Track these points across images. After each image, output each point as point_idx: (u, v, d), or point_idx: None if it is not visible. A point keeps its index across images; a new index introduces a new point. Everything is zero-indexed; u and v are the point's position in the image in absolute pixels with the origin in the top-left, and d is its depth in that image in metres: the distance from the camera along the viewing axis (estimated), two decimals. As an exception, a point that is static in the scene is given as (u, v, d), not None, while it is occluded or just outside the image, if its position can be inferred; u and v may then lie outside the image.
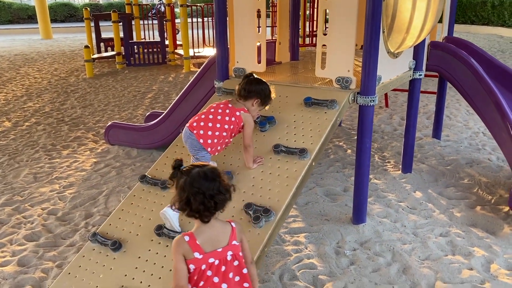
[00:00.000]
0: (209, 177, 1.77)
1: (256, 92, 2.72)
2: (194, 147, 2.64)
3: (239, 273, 1.84)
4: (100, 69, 10.73)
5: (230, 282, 1.82)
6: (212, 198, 1.75)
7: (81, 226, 3.39)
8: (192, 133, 2.64)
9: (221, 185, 1.78)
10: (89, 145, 5.30)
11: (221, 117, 2.66)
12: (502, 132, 3.71)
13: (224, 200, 1.80)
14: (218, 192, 1.77)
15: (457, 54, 4.06)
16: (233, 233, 1.85)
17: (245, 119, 2.70)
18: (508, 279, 2.66)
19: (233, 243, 1.83)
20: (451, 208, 3.56)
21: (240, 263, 1.85)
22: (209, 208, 1.76)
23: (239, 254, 1.84)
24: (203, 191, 1.74)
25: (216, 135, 2.63)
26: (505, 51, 12.27)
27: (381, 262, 2.85)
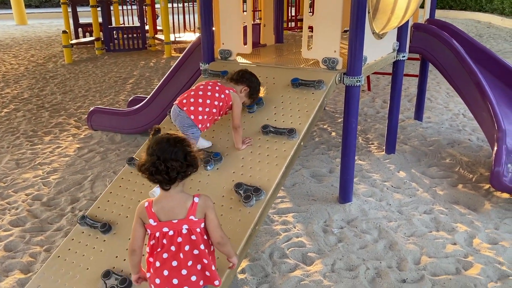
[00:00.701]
0: (170, 142, 1.75)
1: (248, 81, 2.81)
2: (185, 124, 2.63)
3: (197, 247, 1.80)
4: (78, 55, 10.52)
5: (186, 256, 1.78)
6: (164, 162, 1.71)
7: (68, 211, 3.36)
8: (182, 110, 2.63)
9: (181, 153, 1.74)
10: (72, 131, 5.22)
11: (210, 93, 2.67)
12: (483, 112, 3.80)
13: (179, 168, 1.73)
14: (173, 158, 1.72)
15: (439, 35, 4.12)
16: (192, 208, 1.80)
17: (233, 98, 2.73)
18: (490, 252, 2.75)
19: (190, 218, 1.79)
20: (434, 187, 3.64)
21: (197, 239, 1.80)
22: (160, 171, 1.72)
23: (196, 230, 1.80)
24: (158, 154, 1.73)
25: (206, 111, 2.63)
26: (482, 35, 12.48)
27: (368, 239, 2.91)
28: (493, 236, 2.93)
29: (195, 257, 1.81)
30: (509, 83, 4.30)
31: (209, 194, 2.52)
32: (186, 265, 1.79)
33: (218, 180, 2.63)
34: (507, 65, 4.34)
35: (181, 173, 1.76)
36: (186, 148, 1.78)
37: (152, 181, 1.79)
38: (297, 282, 2.50)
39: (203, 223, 1.83)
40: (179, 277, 1.79)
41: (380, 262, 2.68)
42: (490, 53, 4.45)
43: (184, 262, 1.79)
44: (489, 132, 3.74)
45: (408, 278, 2.54)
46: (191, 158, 1.78)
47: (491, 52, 4.46)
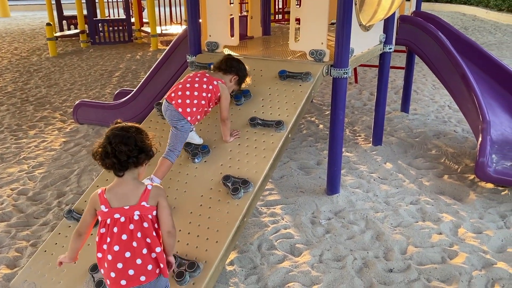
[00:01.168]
0: (123, 129, 1.78)
1: (237, 69, 2.80)
2: (173, 117, 2.62)
3: (149, 235, 1.77)
4: (63, 48, 10.37)
5: (140, 244, 1.75)
6: (111, 145, 1.73)
7: (54, 205, 3.32)
8: (170, 104, 2.62)
9: (132, 138, 1.75)
10: (57, 124, 5.15)
11: (198, 85, 2.66)
12: (468, 103, 3.84)
13: (128, 152, 1.74)
14: (122, 142, 1.73)
15: (425, 27, 4.15)
16: (144, 194, 1.79)
17: (222, 90, 2.72)
18: (474, 241, 2.80)
19: (142, 204, 1.78)
20: (420, 178, 3.68)
21: (149, 226, 1.78)
22: (109, 154, 1.73)
23: (147, 216, 1.78)
24: (109, 139, 1.74)
25: (195, 104, 2.62)
26: (467, 28, 12.61)
27: (355, 230, 2.94)
28: (477, 226, 2.98)
29: (148, 245, 1.77)
30: (493, 75, 4.36)
31: (197, 187, 2.54)
32: (140, 254, 1.75)
33: (206, 173, 2.62)
34: (491, 58, 4.39)
35: (131, 157, 1.76)
36: (138, 135, 1.79)
37: (105, 167, 1.80)
38: (285, 273, 2.52)
39: (155, 210, 1.81)
40: (134, 267, 1.74)
41: (367, 252, 2.71)
42: (475, 46, 4.50)
43: (138, 251, 1.74)
44: (474, 123, 3.79)
45: (394, 268, 2.58)
46: (142, 144, 1.79)
47: (476, 45, 4.50)
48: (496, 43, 10.09)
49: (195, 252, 2.23)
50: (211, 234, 2.29)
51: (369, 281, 2.47)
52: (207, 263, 2.18)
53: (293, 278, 2.48)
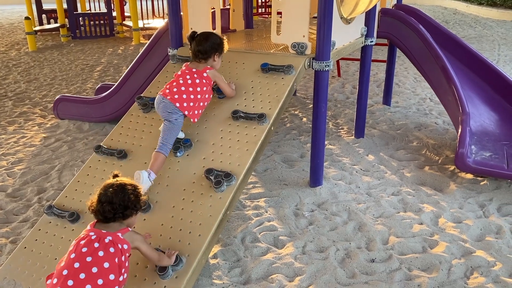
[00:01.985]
0: (113, 187, 1.93)
1: (211, 48, 2.78)
2: (167, 110, 2.64)
3: (110, 260, 1.83)
4: (43, 42, 10.19)
5: (94, 261, 1.80)
6: (100, 204, 1.90)
7: (34, 201, 3.27)
8: (165, 98, 2.65)
9: (118, 197, 1.90)
10: (37, 120, 5.07)
11: (191, 81, 2.70)
12: (448, 95, 3.90)
13: (112, 211, 1.89)
14: (108, 201, 1.89)
15: (406, 20, 4.18)
16: (123, 230, 1.94)
17: (213, 76, 2.79)
18: (454, 231, 2.85)
19: (117, 234, 1.91)
20: (402, 169, 3.73)
21: (115, 253, 1.85)
22: (96, 212, 1.92)
23: (117, 244, 1.87)
24: (99, 198, 1.92)
25: (192, 99, 2.67)
26: (448, 21, 12.76)
27: (338, 221, 2.96)
28: (457, 215, 3.03)
29: (101, 268, 1.80)
30: (473, 68, 4.42)
31: (180, 181, 2.54)
32: (89, 271, 1.78)
33: (188, 167, 2.61)
34: (472, 51, 4.46)
35: (118, 214, 1.91)
36: (124, 194, 1.92)
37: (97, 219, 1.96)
38: (269, 265, 2.53)
39: (129, 249, 1.93)
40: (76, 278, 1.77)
41: (349, 243, 2.74)
42: (455, 39, 4.55)
43: (88, 266, 1.79)
44: (454, 115, 3.85)
45: (376, 258, 2.61)
46: (126, 202, 1.92)
47: (456, 38, 4.56)
48: (476, 36, 10.24)
49: (178, 246, 2.23)
50: (194, 228, 2.28)
51: (351, 271, 2.50)
52: (190, 257, 2.17)
53: (277, 270, 2.50)
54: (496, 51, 8.48)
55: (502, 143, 3.60)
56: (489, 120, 3.92)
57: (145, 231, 2.32)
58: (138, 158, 2.75)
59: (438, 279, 2.42)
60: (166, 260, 2.09)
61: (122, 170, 2.71)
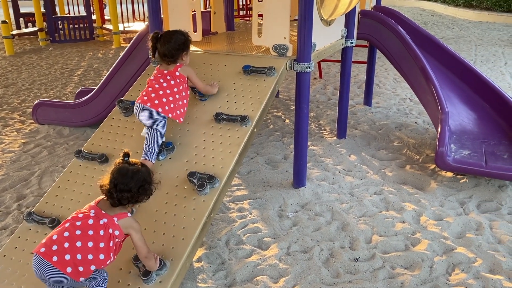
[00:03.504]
0: (128, 174, 1.95)
1: (177, 49, 2.73)
2: (151, 117, 2.62)
3: (95, 240, 1.88)
4: (21, 46, 10.01)
5: (82, 235, 1.87)
6: (118, 192, 1.92)
7: (14, 208, 3.21)
8: (145, 106, 2.62)
9: (135, 184, 1.94)
10: (15, 125, 4.97)
11: (167, 84, 2.68)
12: (427, 95, 3.96)
13: (130, 198, 1.94)
14: (126, 189, 1.93)
15: (385, 22, 4.24)
16: (120, 215, 1.96)
17: (186, 73, 2.78)
18: (436, 229, 2.89)
19: (114, 218, 1.94)
20: (383, 169, 3.77)
21: (103, 236, 1.90)
22: (113, 198, 1.94)
23: (108, 229, 1.92)
24: (115, 183, 1.93)
25: (171, 100, 2.66)
26: (427, 23, 12.97)
27: (321, 222, 2.98)
28: (438, 213, 3.08)
29: (86, 246, 1.86)
30: (451, 68, 4.50)
31: (163, 184, 2.51)
32: (74, 245, 1.85)
33: (171, 170, 2.60)
34: (449, 51, 4.54)
35: (132, 201, 1.97)
36: (142, 180, 1.97)
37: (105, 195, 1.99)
38: (254, 267, 2.53)
39: (121, 235, 1.94)
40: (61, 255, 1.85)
41: (333, 243, 2.75)
42: (434, 40, 4.63)
43: (75, 239, 1.86)
44: (434, 114, 3.91)
45: (360, 257, 2.63)
46: (144, 189, 1.98)
47: (435, 39, 4.64)
48: (453, 37, 10.44)
49: (161, 250, 2.21)
50: (177, 232, 2.27)
51: (335, 271, 2.52)
52: (174, 261, 2.16)
53: (261, 272, 2.50)
54: (473, 51, 8.66)
55: (480, 141, 3.67)
56: (467, 119, 4.00)
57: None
58: (120, 162, 2.72)
59: (421, 277, 2.45)
60: (153, 261, 2.06)
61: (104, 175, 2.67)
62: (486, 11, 13.75)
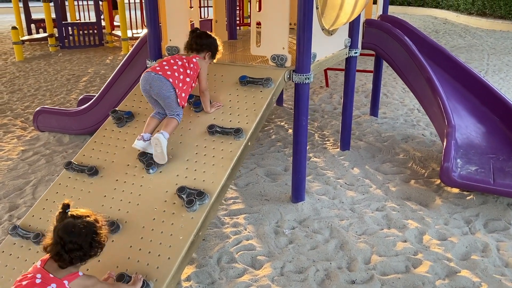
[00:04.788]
0: (75, 230, 1.73)
1: (207, 45, 2.84)
2: (160, 87, 2.57)
3: None
4: (31, 52, 10.06)
5: None
6: (68, 252, 1.71)
7: (5, 219, 3.14)
8: (157, 74, 2.59)
9: (86, 242, 1.74)
10: (17, 132, 4.94)
11: (181, 63, 2.71)
12: (433, 107, 3.82)
13: (82, 256, 1.75)
14: (77, 248, 1.72)
15: (390, 31, 4.12)
16: (71, 275, 1.76)
17: (201, 64, 2.79)
18: (439, 249, 2.75)
19: (64, 282, 1.73)
20: (387, 183, 3.64)
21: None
22: (64, 260, 1.72)
23: None
24: (62, 243, 1.71)
25: (181, 79, 2.64)
26: (439, 31, 12.78)
27: (319, 239, 2.86)
28: (442, 232, 2.94)
29: None
30: (459, 79, 4.36)
31: (151, 199, 2.43)
32: None
33: (160, 184, 2.50)
34: (458, 62, 4.40)
35: (85, 258, 1.78)
36: (92, 234, 1.76)
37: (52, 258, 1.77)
38: (244, 287, 2.42)
39: None
40: None
41: (330, 263, 2.63)
42: (442, 50, 4.49)
43: None
44: (440, 127, 3.77)
45: (357, 279, 2.51)
46: (96, 242, 1.78)
47: (443, 49, 4.50)
48: (465, 46, 10.24)
49: (146, 269, 2.11)
50: (163, 250, 2.17)
51: (330, 293, 2.40)
52: (158, 281, 2.06)
53: (252, 293, 2.39)
54: (485, 60, 8.47)
55: (488, 156, 3.52)
56: (475, 132, 3.85)
57: (113, 253, 2.20)
58: (110, 175, 2.64)
59: (421, 302, 2.32)
60: None
61: (93, 187, 2.60)
62: (499, 19, 13.51)
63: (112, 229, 2.28)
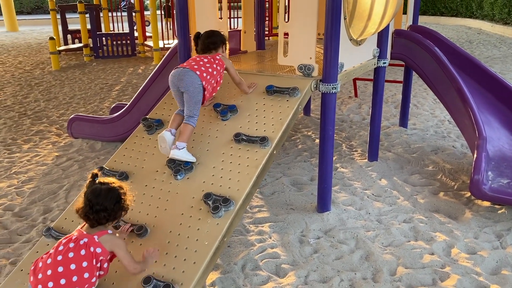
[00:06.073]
0: (102, 193, 2.00)
1: (219, 40, 2.98)
2: (187, 80, 2.69)
3: (77, 263, 1.91)
4: (67, 61, 10.44)
5: (64, 261, 1.90)
6: (95, 213, 1.97)
7: (39, 221, 3.27)
8: (184, 68, 2.72)
9: (110, 203, 1.99)
10: (52, 138, 5.14)
11: (207, 60, 2.83)
12: (464, 119, 3.75)
13: (107, 216, 1.99)
14: (102, 209, 1.97)
15: (420, 42, 4.08)
16: (100, 232, 2.00)
17: (225, 61, 2.93)
18: (468, 263, 2.69)
19: (94, 236, 1.97)
20: (415, 195, 3.58)
21: (85, 256, 1.92)
22: (91, 219, 1.98)
23: (89, 248, 1.94)
24: (90, 204, 1.98)
25: (209, 72, 2.78)
26: (472, 41, 12.52)
27: (344, 250, 2.84)
28: (472, 246, 2.87)
29: (68, 269, 1.89)
30: (492, 90, 4.27)
31: (178, 205, 2.48)
32: (55, 270, 1.88)
33: (187, 190, 2.56)
34: (490, 72, 4.31)
35: (110, 219, 2.02)
36: (116, 197, 2.03)
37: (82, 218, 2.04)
38: (268, 295, 2.43)
39: (104, 252, 1.96)
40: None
41: (355, 273, 2.61)
42: (473, 60, 4.41)
43: (56, 265, 1.89)
44: (471, 139, 3.70)
45: (382, 290, 2.48)
46: (119, 205, 2.04)
47: (474, 59, 4.42)
48: (500, 56, 9.99)
49: (172, 273, 2.16)
50: (189, 255, 2.21)
51: (354, 304, 2.38)
52: (183, 285, 2.10)
53: (276, 301, 2.39)
54: (521, 71, 8.24)
55: (521, 169, 3.43)
56: (508, 144, 3.75)
57: (141, 257, 2.26)
58: (139, 181, 2.72)
59: (448, 316, 2.27)
60: (140, 270, 2.11)
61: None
62: (537, 29, 13.13)
63: (140, 233, 2.35)
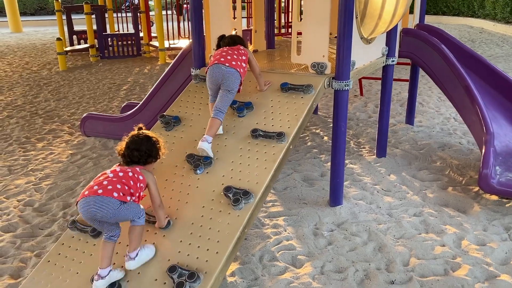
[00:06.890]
0: (139, 137, 2.39)
1: (240, 39, 3.14)
2: (235, 80, 2.86)
3: (128, 183, 2.22)
4: (73, 62, 10.54)
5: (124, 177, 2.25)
6: (129, 151, 2.34)
7: (59, 216, 3.36)
8: (224, 65, 2.86)
9: (144, 146, 2.36)
10: (65, 137, 5.23)
11: (237, 52, 2.97)
12: (472, 115, 3.84)
13: (139, 156, 2.34)
14: (135, 148, 2.34)
15: (428, 40, 4.17)
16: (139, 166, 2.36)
17: (248, 51, 3.05)
18: (478, 254, 2.78)
19: (136, 168, 2.32)
20: (424, 190, 3.67)
21: (131, 177, 2.26)
22: (124, 156, 2.34)
23: (135, 175, 2.28)
24: (127, 145, 2.36)
25: (242, 66, 2.95)
26: (474, 40, 12.60)
27: (357, 242, 2.93)
28: (481, 238, 2.96)
29: (124, 186, 2.20)
30: (498, 87, 4.36)
31: (199, 198, 2.57)
32: (120, 182, 2.20)
33: (207, 184, 2.65)
34: (495, 69, 4.40)
35: (141, 160, 2.36)
36: (150, 144, 2.39)
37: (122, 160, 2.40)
38: (287, 284, 2.52)
39: (143, 179, 2.29)
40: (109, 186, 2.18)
41: (369, 264, 2.70)
42: (479, 58, 4.50)
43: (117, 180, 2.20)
44: (478, 135, 3.78)
45: (396, 280, 2.57)
46: (151, 151, 2.38)
47: (480, 57, 4.51)
48: (503, 55, 10.08)
49: (196, 262, 2.25)
50: (212, 245, 2.30)
51: (370, 293, 2.47)
52: (208, 274, 2.19)
53: (294, 290, 2.48)
54: (524, 70, 8.32)
55: (528, 164, 3.51)
56: (515, 140, 3.83)
57: (165, 247, 2.35)
58: (160, 175, 2.80)
59: (460, 303, 2.36)
60: (163, 211, 2.43)
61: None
62: (539, 28, 13.20)
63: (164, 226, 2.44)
